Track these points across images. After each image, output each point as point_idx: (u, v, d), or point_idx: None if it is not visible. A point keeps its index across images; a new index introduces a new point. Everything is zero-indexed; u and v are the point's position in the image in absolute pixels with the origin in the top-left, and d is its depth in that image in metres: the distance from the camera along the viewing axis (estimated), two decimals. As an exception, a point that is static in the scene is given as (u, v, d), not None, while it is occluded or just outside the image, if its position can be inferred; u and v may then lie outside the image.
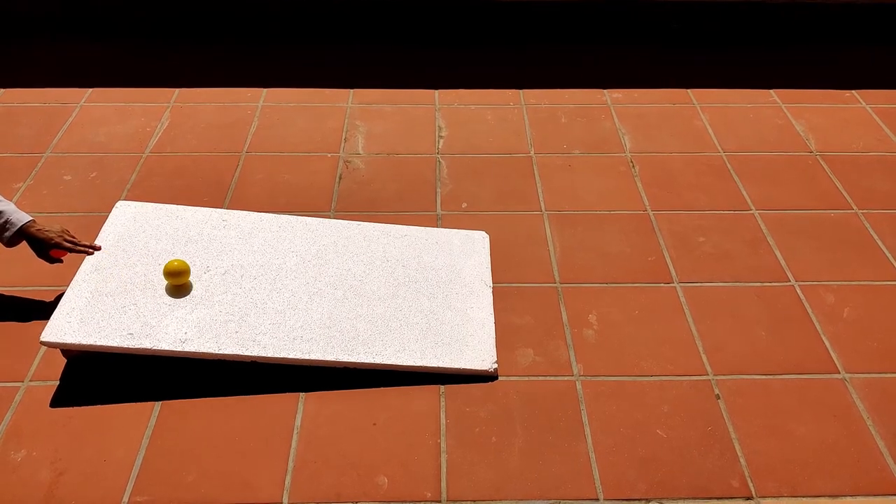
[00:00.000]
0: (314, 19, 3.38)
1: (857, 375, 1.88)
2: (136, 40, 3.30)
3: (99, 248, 2.02)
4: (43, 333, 1.78)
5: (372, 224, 2.25)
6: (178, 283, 1.94)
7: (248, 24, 3.38)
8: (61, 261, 1.99)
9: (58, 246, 1.93)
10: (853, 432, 1.74)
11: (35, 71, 3.07)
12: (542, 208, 2.40)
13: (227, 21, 3.38)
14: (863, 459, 1.69)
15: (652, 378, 1.86)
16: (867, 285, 2.13)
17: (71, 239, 1.97)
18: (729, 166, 2.61)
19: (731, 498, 1.61)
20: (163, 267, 1.94)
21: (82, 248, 1.98)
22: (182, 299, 1.90)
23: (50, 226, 1.96)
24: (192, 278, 1.97)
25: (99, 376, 1.83)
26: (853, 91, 3.04)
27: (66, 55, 3.19)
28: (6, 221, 1.89)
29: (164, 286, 1.93)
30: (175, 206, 2.22)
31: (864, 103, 2.97)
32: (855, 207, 2.42)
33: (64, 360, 1.86)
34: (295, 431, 1.72)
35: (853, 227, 2.34)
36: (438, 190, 2.48)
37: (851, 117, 2.89)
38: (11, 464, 1.64)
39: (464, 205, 2.41)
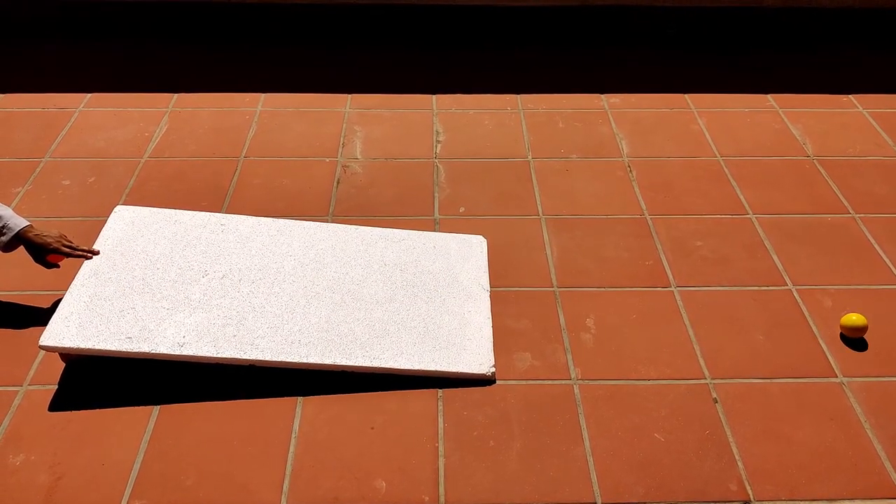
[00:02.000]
0: (312, 24, 3.39)
1: (854, 379, 1.88)
2: (135, 45, 3.31)
3: (97, 253, 2.02)
4: (42, 337, 1.78)
5: (370, 228, 2.26)
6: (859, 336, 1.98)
7: (246, 30, 3.39)
8: (58, 266, 1.99)
9: (55, 251, 1.94)
10: (851, 436, 1.74)
11: (34, 76, 3.08)
12: (540, 213, 2.41)
13: (225, 26, 3.39)
14: (860, 463, 1.69)
15: (649, 382, 1.87)
16: (864, 289, 2.14)
17: (68, 244, 1.97)
18: (726, 170, 2.61)
19: (729, 502, 1.61)
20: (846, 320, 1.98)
21: (80, 253, 1.99)
22: (181, 303, 1.91)
23: (47, 230, 1.96)
24: (190, 282, 1.97)
25: (97, 380, 1.83)
26: (850, 95, 3.05)
27: (64, 60, 3.20)
28: (3, 226, 1.89)
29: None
30: (173, 210, 2.22)
31: (861, 107, 2.98)
32: (852, 211, 2.43)
33: (62, 364, 1.86)
34: (293, 435, 1.72)
35: (850, 232, 2.35)
36: (436, 194, 2.48)
37: (848, 121, 2.90)
38: (10, 467, 1.64)
39: (461, 209, 2.42)
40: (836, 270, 2.20)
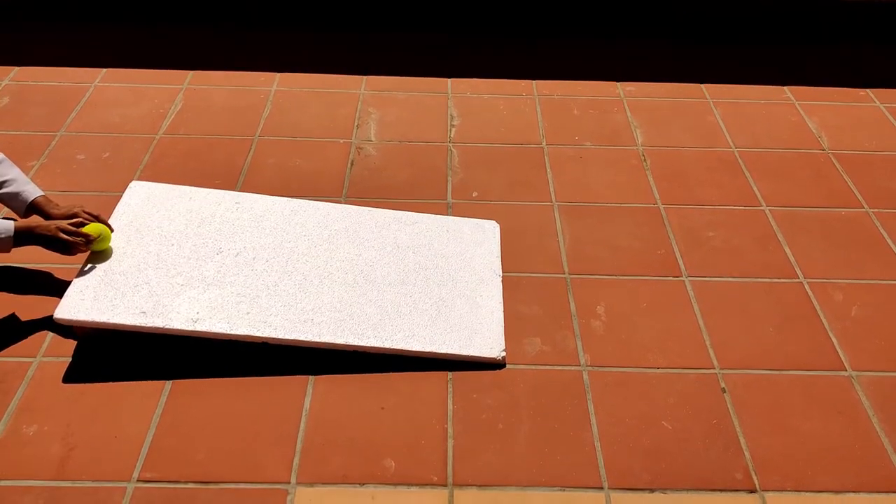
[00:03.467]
0: (328, 5, 3.38)
1: (863, 373, 1.88)
2: (151, 22, 3.31)
3: (91, 241, 1.91)
4: (57, 310, 1.79)
5: (383, 210, 2.26)
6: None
7: (260, 10, 3.38)
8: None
9: (57, 241, 1.84)
10: (858, 429, 1.75)
11: (50, 50, 3.08)
12: (553, 199, 2.41)
13: (241, 6, 3.38)
14: (867, 456, 1.69)
15: (658, 370, 1.87)
16: (876, 284, 2.13)
17: (69, 229, 1.86)
18: (740, 162, 2.61)
19: (735, 490, 1.62)
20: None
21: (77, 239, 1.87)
22: (195, 279, 1.92)
23: (45, 223, 1.86)
24: (204, 258, 1.98)
25: (111, 353, 1.85)
26: (867, 90, 3.03)
27: (80, 35, 3.20)
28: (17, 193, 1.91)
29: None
30: (188, 187, 2.23)
31: (878, 102, 2.96)
32: (866, 206, 2.42)
33: (77, 337, 1.87)
34: (304, 413, 1.74)
35: (864, 226, 2.34)
36: (449, 178, 2.49)
37: (865, 116, 2.88)
38: (24, 437, 1.66)
39: (474, 194, 2.42)
40: (848, 264, 2.20)
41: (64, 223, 1.86)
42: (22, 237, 1.84)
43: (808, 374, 1.88)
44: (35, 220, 1.92)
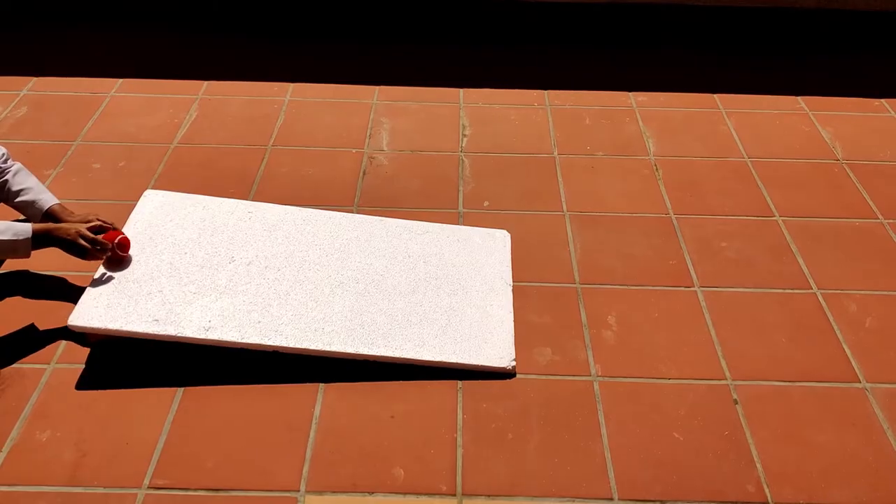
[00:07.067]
0: (341, 16, 3.41)
1: (878, 385, 1.86)
2: (167, 33, 3.35)
3: (109, 251, 1.93)
4: (71, 317, 1.81)
5: (394, 220, 2.27)
6: None
7: (275, 19, 3.41)
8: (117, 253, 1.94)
9: (76, 246, 1.86)
10: (873, 442, 1.73)
11: (67, 60, 3.12)
12: (564, 209, 2.41)
13: (256, 16, 3.42)
14: (882, 469, 1.67)
15: (670, 381, 1.86)
16: (890, 295, 2.11)
17: (88, 235, 1.88)
18: (754, 172, 2.59)
19: (747, 503, 1.61)
20: None
21: (96, 249, 1.89)
22: (207, 288, 1.93)
23: (66, 227, 1.87)
24: (216, 267, 2.00)
25: (123, 361, 1.87)
26: (882, 100, 3.01)
27: (97, 46, 3.24)
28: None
29: None
30: (202, 196, 2.25)
31: (892, 112, 2.94)
32: (881, 217, 2.40)
33: (90, 344, 1.89)
34: (314, 421, 1.74)
35: (878, 237, 2.32)
36: (461, 188, 2.49)
37: (879, 126, 2.86)
38: (37, 443, 1.68)
39: (486, 203, 2.43)
40: (862, 275, 2.18)
41: (83, 227, 1.88)
42: (41, 240, 1.85)
43: (822, 385, 1.86)
44: (55, 222, 1.94)
